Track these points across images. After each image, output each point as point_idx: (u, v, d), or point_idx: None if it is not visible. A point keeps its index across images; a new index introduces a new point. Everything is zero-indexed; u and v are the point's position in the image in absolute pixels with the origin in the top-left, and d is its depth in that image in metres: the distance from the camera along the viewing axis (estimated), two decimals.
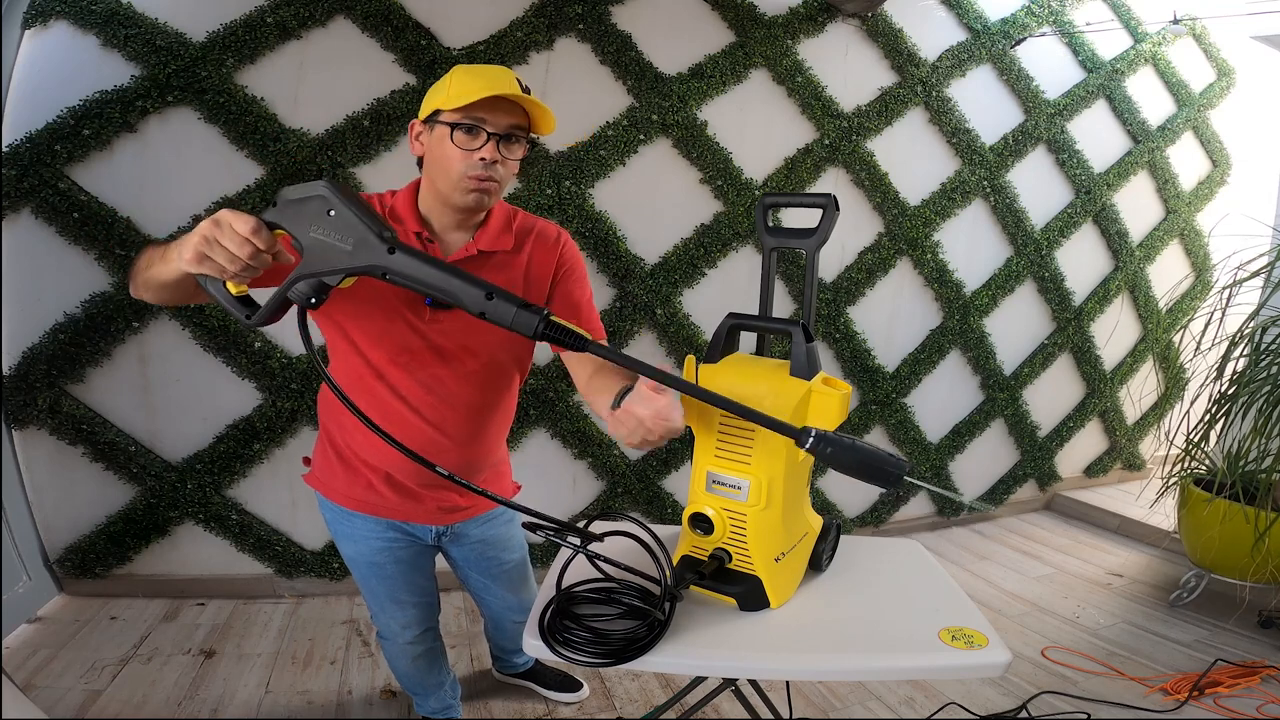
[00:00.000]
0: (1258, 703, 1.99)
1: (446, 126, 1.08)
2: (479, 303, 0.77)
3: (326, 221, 0.77)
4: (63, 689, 1.82)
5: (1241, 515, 2.35)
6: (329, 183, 0.76)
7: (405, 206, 1.17)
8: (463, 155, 1.08)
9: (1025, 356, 3.41)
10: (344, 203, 0.76)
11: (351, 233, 0.76)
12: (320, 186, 0.76)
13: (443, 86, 1.10)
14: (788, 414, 0.96)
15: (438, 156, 1.10)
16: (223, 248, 0.78)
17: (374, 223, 0.77)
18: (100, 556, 2.24)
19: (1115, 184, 3.44)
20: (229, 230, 0.78)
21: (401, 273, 0.77)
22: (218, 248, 0.78)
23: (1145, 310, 3.67)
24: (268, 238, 0.79)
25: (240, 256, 0.78)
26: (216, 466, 2.28)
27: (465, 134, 1.08)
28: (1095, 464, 3.81)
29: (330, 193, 0.76)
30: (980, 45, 3.03)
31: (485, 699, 1.95)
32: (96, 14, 1.99)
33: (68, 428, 2.13)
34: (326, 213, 0.76)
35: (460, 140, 1.08)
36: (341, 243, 0.77)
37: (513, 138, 1.11)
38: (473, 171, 1.09)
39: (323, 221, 0.77)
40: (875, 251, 2.97)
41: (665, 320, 2.66)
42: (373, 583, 1.42)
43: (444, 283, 0.77)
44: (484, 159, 1.08)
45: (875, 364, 3.06)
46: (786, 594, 1.06)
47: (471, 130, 1.08)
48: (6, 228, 2.01)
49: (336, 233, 0.77)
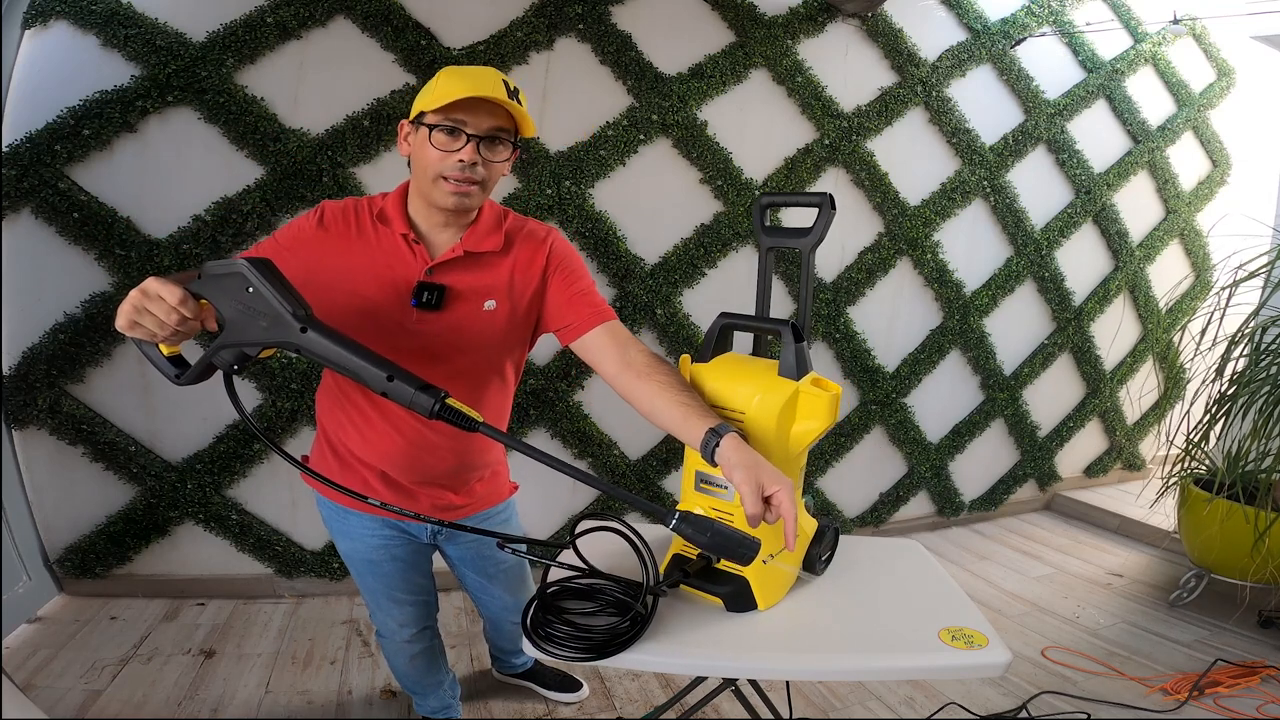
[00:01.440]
0: (1258, 703, 1.99)
1: (428, 127, 1.08)
2: (380, 383, 0.84)
3: (245, 297, 0.84)
4: (63, 689, 1.82)
5: (1241, 515, 2.35)
6: (249, 263, 0.83)
7: (394, 208, 1.17)
8: (441, 156, 1.08)
9: (1025, 356, 3.41)
10: (262, 282, 0.83)
11: (267, 310, 0.83)
12: (240, 265, 0.82)
13: (429, 88, 1.10)
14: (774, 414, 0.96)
15: (420, 157, 1.11)
16: (151, 314, 0.83)
17: (289, 302, 0.83)
18: (100, 556, 2.24)
19: (1115, 184, 3.44)
20: (156, 299, 0.83)
21: (312, 351, 0.84)
22: (147, 315, 0.83)
23: (1145, 310, 3.67)
24: (193, 307, 0.85)
25: (168, 324, 0.84)
26: (216, 466, 2.28)
27: (446, 135, 1.08)
28: (1095, 464, 3.81)
29: (249, 272, 0.82)
30: (980, 45, 3.03)
31: (485, 699, 1.95)
32: (96, 14, 1.99)
33: (68, 428, 2.13)
34: (245, 289, 0.83)
35: (440, 141, 1.08)
36: (258, 319, 0.84)
37: (496, 140, 1.11)
38: (451, 172, 1.09)
39: (242, 297, 0.84)
40: (875, 251, 2.97)
41: (665, 320, 2.66)
42: (370, 580, 1.42)
43: (349, 362, 0.84)
44: (462, 160, 1.08)
45: (875, 364, 3.06)
46: (775, 597, 1.06)
47: (452, 132, 1.08)
48: (6, 228, 2.01)
49: (254, 309, 0.84)
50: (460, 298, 1.16)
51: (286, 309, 0.82)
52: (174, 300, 0.82)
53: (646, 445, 2.75)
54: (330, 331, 0.84)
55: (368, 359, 0.84)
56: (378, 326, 1.14)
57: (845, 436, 3.04)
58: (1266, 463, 2.36)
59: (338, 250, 1.15)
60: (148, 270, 2.11)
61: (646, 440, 2.75)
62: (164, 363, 0.89)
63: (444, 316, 1.16)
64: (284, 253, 1.13)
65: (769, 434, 0.97)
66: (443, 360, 1.18)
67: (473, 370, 1.22)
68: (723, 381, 1.01)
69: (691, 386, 1.06)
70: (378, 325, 1.14)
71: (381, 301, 1.14)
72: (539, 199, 2.42)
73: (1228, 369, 2.50)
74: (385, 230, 1.16)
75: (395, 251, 1.15)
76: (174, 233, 2.13)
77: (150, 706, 1.80)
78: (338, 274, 1.14)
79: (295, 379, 2.27)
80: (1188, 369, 2.72)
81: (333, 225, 1.16)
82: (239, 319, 0.84)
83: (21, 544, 2.12)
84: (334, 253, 1.15)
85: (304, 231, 1.16)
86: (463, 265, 1.17)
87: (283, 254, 1.12)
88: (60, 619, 2.15)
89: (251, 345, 0.85)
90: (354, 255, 1.15)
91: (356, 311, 1.14)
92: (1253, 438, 2.37)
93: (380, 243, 1.16)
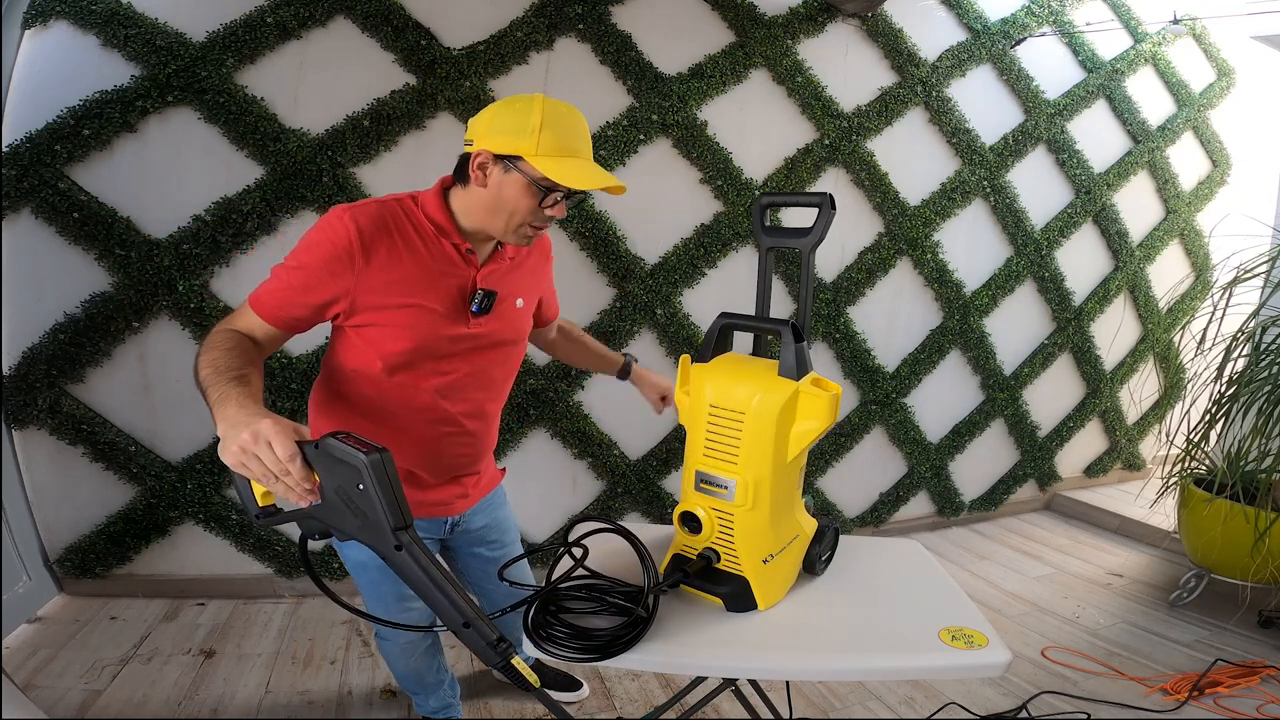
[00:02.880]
0: (1258, 703, 1.99)
1: (527, 179, 1.09)
2: (455, 624, 0.81)
3: (353, 491, 0.79)
4: (63, 689, 1.82)
5: (1241, 515, 2.35)
6: (370, 458, 0.77)
7: (444, 217, 1.17)
8: (534, 209, 1.12)
9: (1025, 356, 3.41)
10: (375, 486, 0.77)
11: (370, 513, 0.79)
12: (361, 459, 0.77)
13: (529, 130, 1.07)
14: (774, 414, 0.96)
15: (508, 201, 1.12)
16: (259, 461, 0.81)
17: (393, 515, 0.78)
18: (100, 556, 2.24)
19: (1115, 184, 3.44)
20: (265, 448, 0.81)
21: (397, 568, 0.80)
22: (254, 459, 0.81)
23: (1145, 310, 3.67)
24: (302, 470, 0.81)
25: (274, 475, 0.81)
26: (217, 466, 2.27)
27: (549, 195, 1.11)
28: (1095, 464, 3.81)
29: (367, 472, 0.77)
30: (980, 45, 3.03)
31: (485, 699, 1.95)
32: (96, 14, 1.99)
33: (68, 428, 2.13)
34: (356, 485, 0.78)
35: (544, 201, 1.12)
36: (357, 514, 0.80)
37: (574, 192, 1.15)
38: (538, 222, 1.14)
39: (350, 490, 0.79)
40: (875, 251, 2.97)
41: (665, 320, 2.66)
42: (383, 586, 1.41)
43: (430, 593, 0.80)
44: (553, 216, 1.13)
45: (875, 364, 3.06)
46: (775, 597, 1.06)
47: (554, 190, 1.11)
48: (6, 228, 2.01)
49: (358, 505, 0.79)
50: (501, 300, 1.24)
51: (389, 522, 0.78)
52: (284, 455, 0.80)
53: (647, 445, 2.75)
54: (420, 555, 0.80)
55: (450, 598, 0.80)
56: (438, 333, 1.18)
57: (845, 436, 3.04)
58: (1266, 463, 2.36)
59: (386, 264, 1.12)
60: (148, 270, 2.11)
61: (646, 440, 2.75)
62: (251, 500, 0.86)
63: (492, 319, 1.24)
64: (325, 276, 1.10)
65: (769, 434, 0.97)
66: (488, 355, 1.27)
67: (507, 360, 1.32)
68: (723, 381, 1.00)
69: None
70: (436, 331, 1.18)
71: (439, 308, 1.17)
72: None
73: (1228, 369, 2.50)
74: (435, 238, 1.17)
75: (448, 259, 1.18)
76: (174, 233, 2.13)
77: (150, 706, 1.80)
78: (389, 286, 1.13)
79: (296, 379, 2.27)
80: (1188, 369, 2.72)
81: (376, 238, 1.12)
82: (338, 504, 0.81)
83: (21, 544, 2.12)
84: (382, 267, 1.12)
85: (341, 249, 1.10)
86: (501, 269, 1.24)
87: (323, 278, 1.10)
88: (60, 619, 2.15)
89: (340, 534, 0.83)
90: (405, 265, 1.14)
91: (413, 318, 1.15)
92: (1253, 437, 2.37)
93: (431, 250, 1.16)
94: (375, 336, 1.17)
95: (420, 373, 1.20)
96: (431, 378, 1.21)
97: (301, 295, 1.11)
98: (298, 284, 1.11)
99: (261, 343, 1.11)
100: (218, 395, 0.92)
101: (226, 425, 0.85)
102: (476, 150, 1.11)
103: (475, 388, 1.28)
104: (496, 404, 1.36)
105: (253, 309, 1.11)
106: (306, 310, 1.12)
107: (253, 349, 1.07)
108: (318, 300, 1.11)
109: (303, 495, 0.82)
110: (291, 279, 1.11)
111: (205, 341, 1.05)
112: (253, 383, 0.96)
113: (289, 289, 1.11)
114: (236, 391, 0.91)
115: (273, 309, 1.11)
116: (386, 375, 1.19)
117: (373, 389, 1.21)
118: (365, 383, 1.21)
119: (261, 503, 0.86)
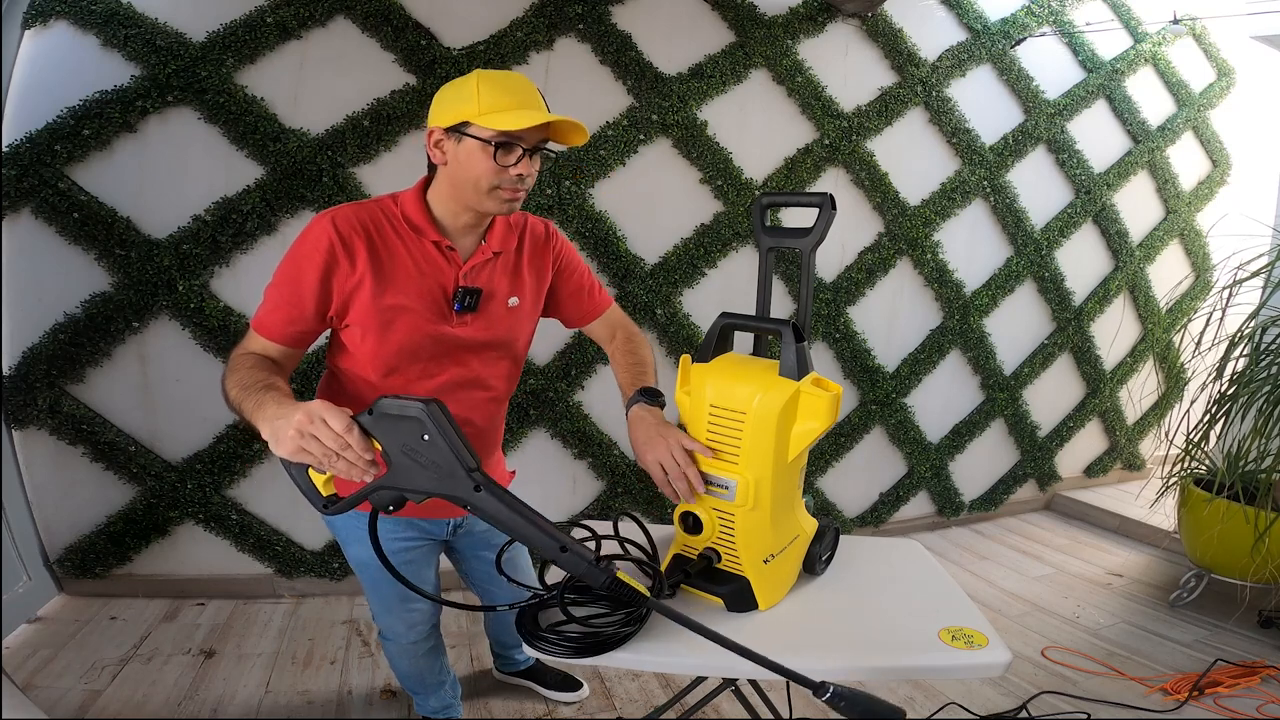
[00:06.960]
0: (1258, 703, 1.99)
1: (479, 141, 1.08)
2: (552, 551, 0.80)
3: (420, 444, 0.78)
4: (63, 689, 1.82)
5: (1241, 515, 2.35)
6: (428, 407, 0.77)
7: (421, 215, 1.17)
8: (496, 170, 1.10)
9: (1025, 356, 3.41)
10: (440, 431, 0.77)
11: (442, 461, 0.78)
12: (418, 409, 0.77)
13: (468, 95, 1.07)
14: (774, 414, 0.96)
15: (468, 168, 1.11)
16: (318, 441, 0.80)
17: (465, 456, 0.78)
18: (100, 556, 2.24)
19: (1115, 184, 3.44)
20: (321, 424, 0.80)
21: (482, 509, 0.79)
22: (313, 441, 0.81)
23: (1145, 310, 3.67)
24: (360, 439, 0.80)
25: (334, 450, 0.80)
26: (216, 466, 2.28)
27: (503, 150, 1.09)
28: (1095, 464, 3.81)
29: (427, 418, 0.77)
30: (980, 45, 3.03)
31: (485, 699, 1.94)
32: (96, 14, 1.99)
33: (68, 428, 2.13)
34: (420, 436, 0.78)
35: (498, 157, 1.09)
36: (429, 468, 0.79)
37: (538, 149, 1.14)
38: (508, 185, 1.12)
39: (416, 444, 0.78)
40: (875, 251, 2.97)
41: (665, 320, 2.66)
42: (385, 586, 1.41)
43: (519, 526, 0.79)
44: (521, 174, 1.11)
45: (875, 364, 3.06)
46: (776, 597, 1.06)
47: (507, 146, 1.09)
48: (6, 228, 2.01)
49: (427, 457, 0.78)
50: (490, 297, 1.23)
51: (462, 463, 0.77)
52: (340, 427, 0.79)
53: None
54: (500, 492, 0.80)
55: (540, 525, 0.80)
56: (421, 333, 1.17)
57: (845, 436, 3.04)
58: (1266, 463, 2.36)
59: (367, 265, 1.13)
60: (148, 270, 2.11)
61: None
62: (313, 491, 0.85)
63: (479, 317, 1.22)
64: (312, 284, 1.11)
65: (770, 434, 0.97)
66: (480, 355, 1.25)
67: (502, 360, 1.30)
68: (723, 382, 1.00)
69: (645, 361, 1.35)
70: (421, 332, 1.17)
71: (422, 309, 1.16)
72: (539, 199, 2.42)
73: (1228, 369, 2.50)
74: (414, 238, 1.16)
75: (429, 258, 1.17)
76: (174, 233, 2.13)
77: (150, 706, 1.80)
78: (373, 288, 1.13)
79: (295, 379, 2.26)
80: (1188, 369, 2.72)
81: (354, 240, 1.12)
82: (407, 464, 0.79)
83: (21, 544, 2.12)
84: (363, 269, 1.13)
85: (322, 254, 1.10)
86: (489, 266, 1.23)
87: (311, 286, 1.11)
88: (60, 619, 2.15)
89: (416, 493, 0.80)
90: (386, 267, 1.14)
91: (398, 320, 1.15)
92: (1253, 437, 2.37)
93: (411, 250, 1.16)
94: (362, 339, 1.17)
95: (410, 375, 1.20)
96: (422, 380, 1.21)
97: (296, 309, 1.12)
98: (288, 298, 1.12)
99: (279, 361, 1.13)
100: (253, 404, 0.93)
101: (273, 421, 0.85)
102: (429, 130, 1.13)
103: (469, 389, 1.26)
104: (497, 406, 1.35)
105: (258, 333, 1.13)
106: (306, 323, 1.13)
107: (273, 365, 1.10)
108: (311, 309, 1.12)
109: (365, 468, 0.82)
110: (281, 295, 1.13)
111: (227, 367, 1.07)
112: (283, 388, 0.98)
113: (284, 305, 1.12)
114: (271, 395, 0.92)
115: (273, 328, 1.12)
116: (380, 377, 1.19)
117: (369, 390, 1.21)
118: (362, 383, 1.22)
119: (325, 492, 0.85)
